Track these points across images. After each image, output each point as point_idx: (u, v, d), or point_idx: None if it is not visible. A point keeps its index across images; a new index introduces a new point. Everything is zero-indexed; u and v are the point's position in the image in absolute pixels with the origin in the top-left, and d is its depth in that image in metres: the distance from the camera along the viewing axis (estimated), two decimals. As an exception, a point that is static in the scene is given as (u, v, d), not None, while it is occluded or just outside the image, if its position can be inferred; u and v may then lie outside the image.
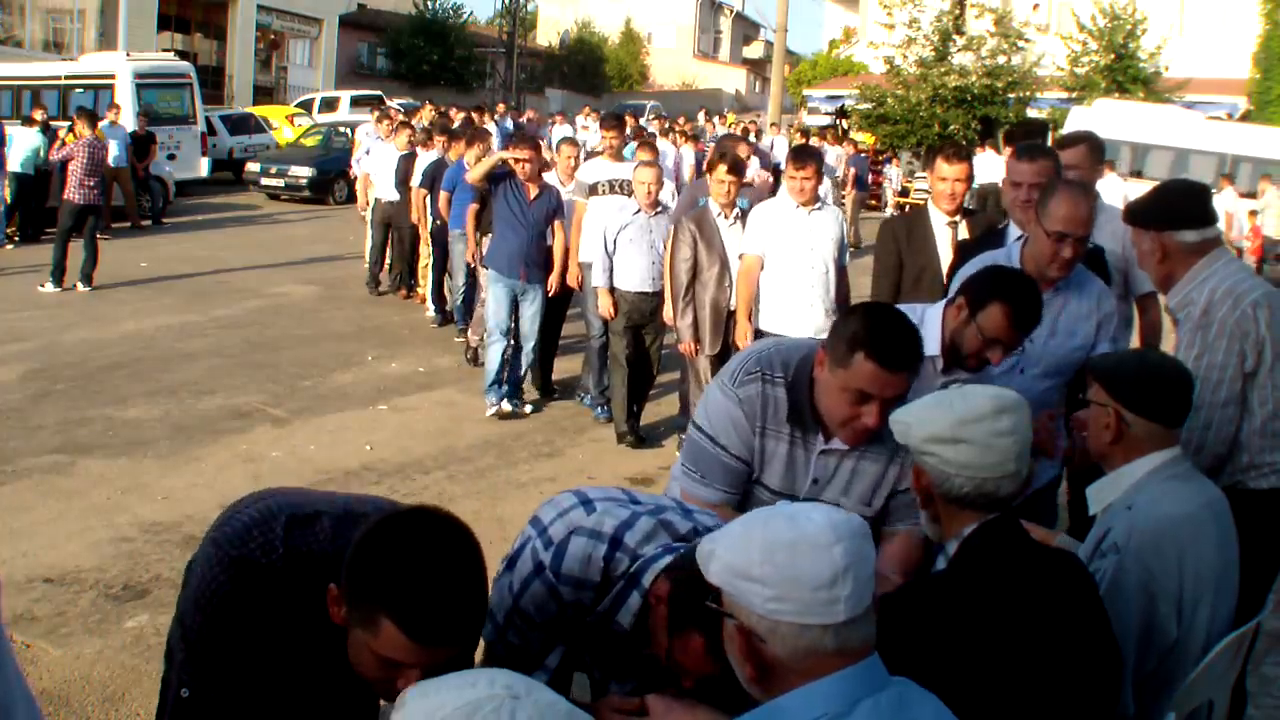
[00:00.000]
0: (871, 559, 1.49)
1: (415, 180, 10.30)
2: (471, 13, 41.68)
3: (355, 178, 15.92)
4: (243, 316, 9.98)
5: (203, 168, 19.21)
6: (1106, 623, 2.01)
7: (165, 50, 25.31)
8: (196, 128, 18.94)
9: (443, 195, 9.33)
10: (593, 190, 7.46)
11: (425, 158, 10.36)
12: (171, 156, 17.82)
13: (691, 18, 53.75)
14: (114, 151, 14.54)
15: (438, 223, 9.71)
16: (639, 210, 6.73)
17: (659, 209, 6.84)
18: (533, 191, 7.19)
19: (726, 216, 6.16)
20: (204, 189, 19.36)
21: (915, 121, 26.11)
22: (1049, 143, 5.98)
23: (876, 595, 1.51)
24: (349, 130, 19.65)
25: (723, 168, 6.13)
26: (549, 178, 7.82)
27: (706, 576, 1.54)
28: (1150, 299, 4.21)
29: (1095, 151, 4.31)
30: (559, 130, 18.84)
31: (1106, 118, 18.76)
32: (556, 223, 7.30)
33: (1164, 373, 2.42)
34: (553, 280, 7.37)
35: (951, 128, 25.65)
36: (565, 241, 7.37)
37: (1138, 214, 3.22)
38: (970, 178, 4.74)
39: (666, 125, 20.46)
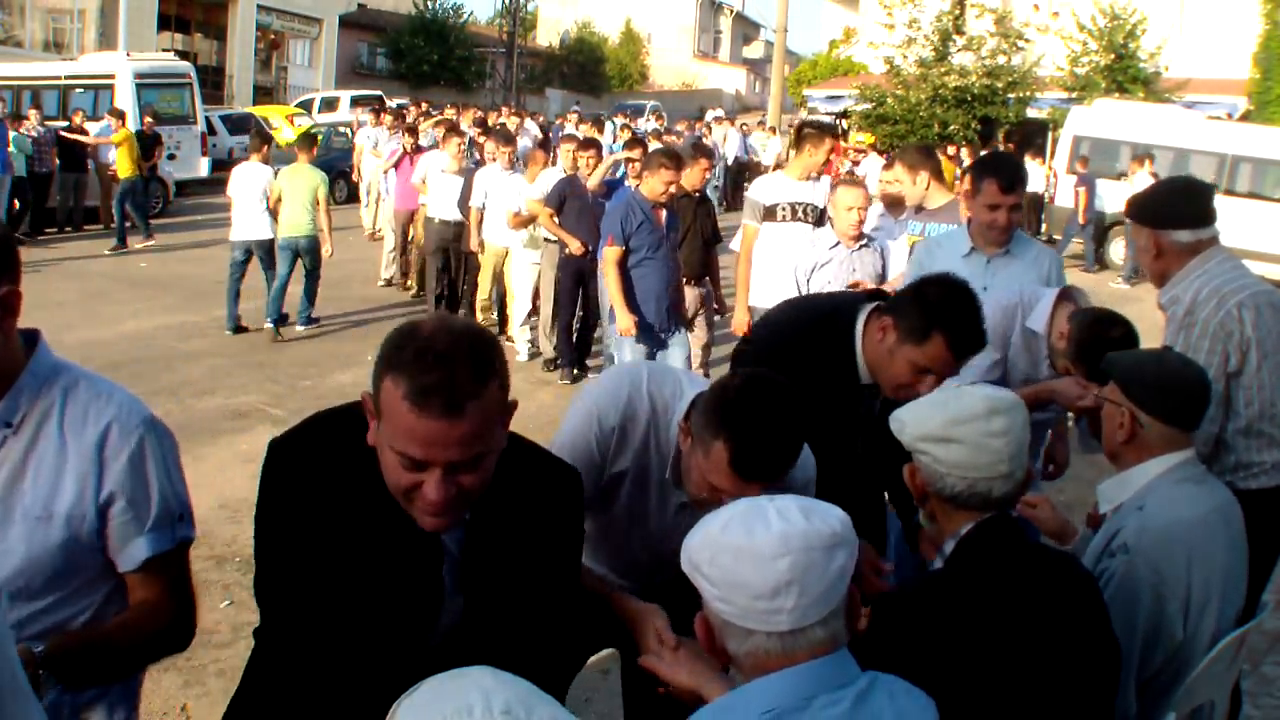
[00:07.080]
0: (837, 570, 1.43)
1: (517, 199, 8.63)
2: (471, 13, 41.74)
3: (360, 180, 15.82)
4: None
5: (203, 168, 19.22)
6: (1107, 622, 2.00)
7: (165, 50, 25.35)
8: (196, 128, 18.97)
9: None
10: (769, 214, 6.03)
11: (489, 172, 9.11)
12: (171, 156, 17.82)
13: (691, 18, 53.70)
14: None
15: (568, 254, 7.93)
16: (837, 243, 5.38)
17: (862, 241, 5.40)
18: (662, 213, 6.13)
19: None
20: (204, 189, 19.35)
21: (915, 121, 26.08)
22: (1048, 143, 5.93)
23: (854, 595, 1.49)
24: (349, 130, 19.63)
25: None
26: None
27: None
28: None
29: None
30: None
31: (1106, 118, 18.75)
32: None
33: (1182, 376, 2.41)
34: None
35: (951, 127, 25.66)
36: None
37: (1135, 209, 3.24)
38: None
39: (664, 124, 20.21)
